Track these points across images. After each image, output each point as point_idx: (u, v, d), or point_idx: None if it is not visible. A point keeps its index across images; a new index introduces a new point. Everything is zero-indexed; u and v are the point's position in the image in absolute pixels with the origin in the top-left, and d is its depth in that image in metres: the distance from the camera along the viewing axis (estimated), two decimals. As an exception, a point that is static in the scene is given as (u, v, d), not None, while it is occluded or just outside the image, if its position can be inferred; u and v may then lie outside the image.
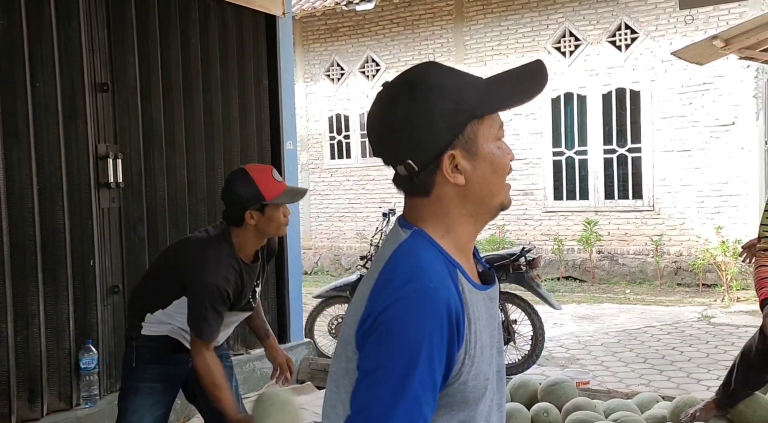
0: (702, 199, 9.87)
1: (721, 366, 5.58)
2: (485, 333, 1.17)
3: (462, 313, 1.11)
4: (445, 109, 1.16)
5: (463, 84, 1.19)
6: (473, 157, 1.16)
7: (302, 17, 12.41)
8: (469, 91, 1.18)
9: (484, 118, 1.18)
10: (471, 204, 1.19)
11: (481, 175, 1.17)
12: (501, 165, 1.19)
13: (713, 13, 9.36)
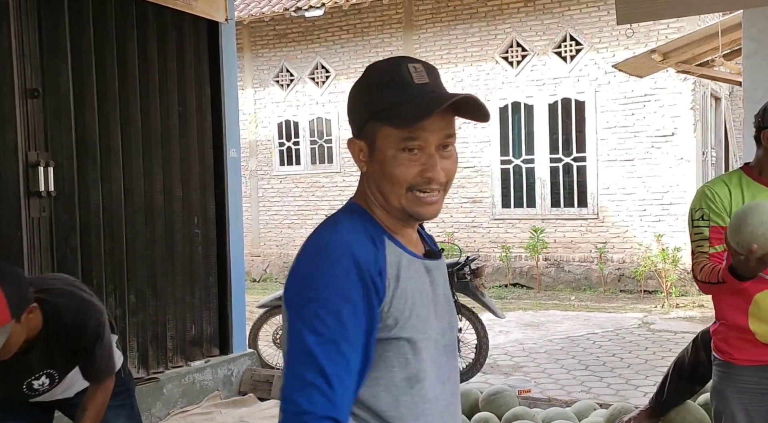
0: (644, 208, 10.10)
1: (658, 372, 5.70)
2: (420, 298, 1.27)
3: (383, 269, 1.22)
4: (360, 102, 1.29)
5: (387, 88, 1.25)
6: (370, 154, 1.27)
7: (251, 22, 12.31)
8: (386, 96, 1.24)
9: (383, 125, 1.24)
10: (377, 193, 1.28)
11: (374, 173, 1.27)
12: (392, 174, 1.24)
13: (653, 27, 9.60)
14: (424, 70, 1.26)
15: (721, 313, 2.54)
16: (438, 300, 1.33)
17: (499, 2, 10.80)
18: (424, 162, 1.23)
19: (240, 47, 12.46)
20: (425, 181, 1.23)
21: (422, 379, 1.26)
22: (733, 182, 2.49)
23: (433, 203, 1.26)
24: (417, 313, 1.25)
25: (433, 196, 1.25)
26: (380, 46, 11.74)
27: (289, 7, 11.63)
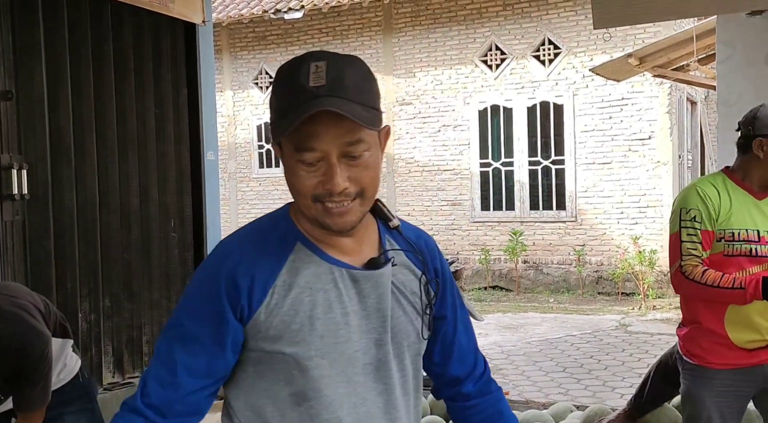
0: (621, 211, 10.18)
1: (635, 374, 5.74)
2: (326, 311, 1.20)
3: (268, 278, 1.19)
4: (271, 100, 1.21)
5: (282, 91, 1.17)
6: (283, 157, 1.21)
7: (230, 24, 12.25)
8: (280, 101, 1.17)
9: None
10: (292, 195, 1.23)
11: (286, 177, 1.21)
12: (293, 185, 1.18)
13: (630, 32, 9.69)
14: (326, 69, 1.14)
15: (694, 317, 2.54)
16: (365, 313, 1.24)
17: (477, 6, 10.85)
18: (323, 173, 1.15)
19: (218, 49, 12.39)
20: (326, 193, 1.15)
21: (313, 399, 1.20)
22: (719, 185, 2.47)
23: (344, 214, 1.17)
24: (314, 327, 1.19)
25: (341, 206, 1.16)
26: (360, 48, 11.74)
27: (268, 9, 11.60)
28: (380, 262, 1.25)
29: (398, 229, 1.31)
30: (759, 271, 2.38)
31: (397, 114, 11.56)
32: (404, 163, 11.58)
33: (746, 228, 2.39)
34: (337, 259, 1.23)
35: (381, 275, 1.25)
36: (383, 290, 1.25)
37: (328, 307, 1.20)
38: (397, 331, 1.26)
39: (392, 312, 1.26)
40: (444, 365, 1.43)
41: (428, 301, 1.30)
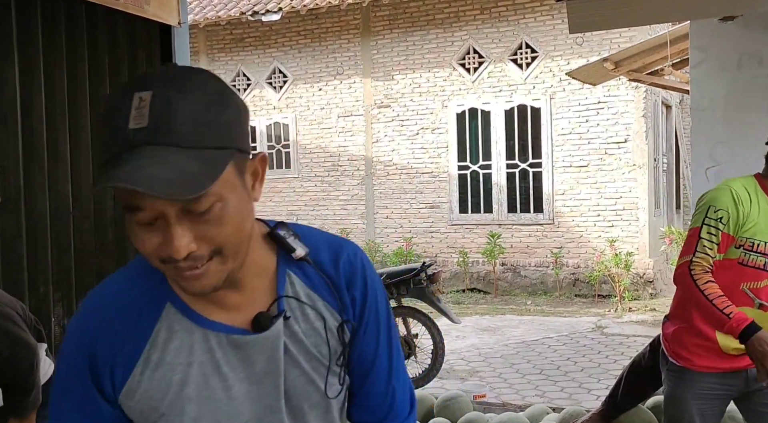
0: (598, 213, 10.27)
1: (611, 375, 5.79)
2: (198, 384, 1.03)
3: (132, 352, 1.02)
4: None
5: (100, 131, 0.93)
6: None
7: (207, 26, 12.19)
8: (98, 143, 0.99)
9: None
10: None
11: None
12: (135, 244, 0.96)
13: (606, 36, 9.78)
14: (150, 103, 0.88)
15: (685, 315, 2.52)
16: (254, 379, 1.05)
17: (455, 9, 10.89)
18: (163, 232, 0.92)
19: (195, 51, 12.34)
20: (168, 259, 0.92)
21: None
22: (751, 190, 2.40)
23: (199, 277, 0.94)
24: (184, 411, 1.03)
25: (194, 269, 0.93)
26: (338, 51, 11.74)
27: (246, 11, 11.56)
28: (268, 320, 1.04)
29: (305, 258, 1.07)
30: (766, 285, 2.36)
31: (375, 117, 11.57)
32: (383, 166, 11.59)
33: (767, 240, 2.35)
34: (214, 322, 1.02)
35: (267, 338, 1.04)
36: (273, 352, 1.05)
37: (204, 383, 1.02)
38: (292, 394, 1.07)
39: (286, 373, 1.06)
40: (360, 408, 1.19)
41: (341, 348, 1.09)
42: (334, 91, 11.81)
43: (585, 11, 4.11)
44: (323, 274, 1.08)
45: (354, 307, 1.10)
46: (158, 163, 0.86)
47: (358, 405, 1.17)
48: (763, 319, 2.34)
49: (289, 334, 1.06)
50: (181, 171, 0.87)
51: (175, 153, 0.87)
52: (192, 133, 0.89)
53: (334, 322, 1.09)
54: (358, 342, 1.12)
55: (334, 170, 11.92)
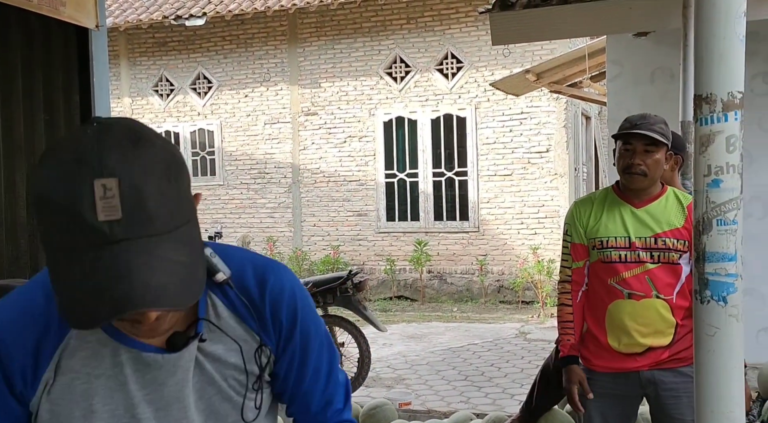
0: (521, 221, 10.50)
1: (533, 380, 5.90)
2: (103, 397, 1.00)
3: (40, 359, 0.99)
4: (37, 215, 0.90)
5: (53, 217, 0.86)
6: None
7: (128, 29, 11.88)
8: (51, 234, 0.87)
9: None
10: None
11: None
12: None
13: (528, 48, 10.03)
14: (119, 192, 0.82)
15: (586, 321, 2.68)
16: (163, 403, 1.03)
17: (382, 19, 10.97)
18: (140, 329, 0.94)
19: (116, 55, 12.01)
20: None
21: None
22: (598, 198, 2.66)
23: (154, 330, 0.96)
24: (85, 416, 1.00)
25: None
26: (264, 57, 11.64)
27: (169, 15, 11.32)
28: (183, 341, 1.02)
29: (228, 282, 1.05)
30: (630, 276, 2.51)
31: (302, 124, 11.52)
32: (310, 174, 11.54)
33: (616, 236, 2.55)
34: (128, 338, 0.99)
35: (179, 358, 1.02)
36: (184, 375, 1.03)
37: (109, 397, 1.00)
38: (209, 414, 1.06)
39: (202, 393, 1.05)
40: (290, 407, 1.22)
41: (258, 372, 1.09)
42: (261, 98, 11.70)
43: (506, 24, 4.21)
44: (245, 298, 1.07)
45: (280, 330, 1.10)
46: (149, 265, 0.83)
47: (296, 409, 1.21)
48: (635, 309, 2.52)
49: (205, 355, 1.05)
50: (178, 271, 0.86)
51: (156, 244, 0.85)
52: (166, 217, 0.86)
53: (253, 344, 1.08)
54: (288, 362, 1.13)
55: (260, 178, 11.79)
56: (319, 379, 1.19)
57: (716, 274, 1.31)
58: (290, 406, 1.21)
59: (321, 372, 1.19)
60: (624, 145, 2.54)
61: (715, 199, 1.30)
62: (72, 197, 0.83)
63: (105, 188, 0.82)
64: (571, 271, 2.65)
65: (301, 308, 1.12)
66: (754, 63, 4.79)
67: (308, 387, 1.18)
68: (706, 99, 1.30)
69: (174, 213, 0.88)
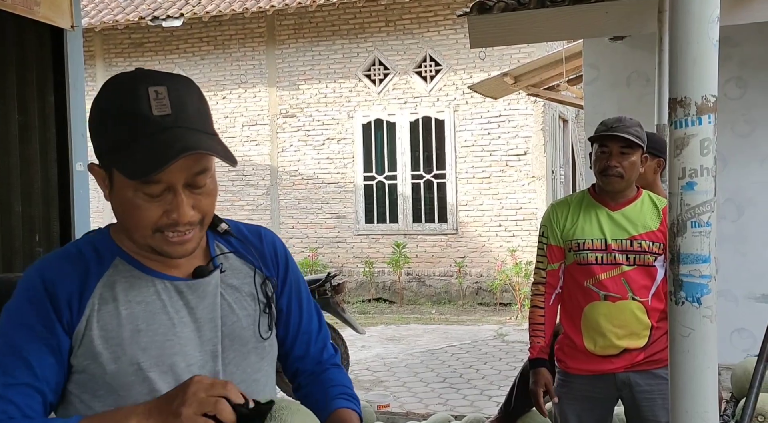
0: (499, 223, 10.55)
1: (511, 382, 5.92)
2: (148, 325, 1.15)
3: (84, 290, 1.14)
4: (93, 128, 1.14)
5: (117, 120, 1.09)
6: (112, 185, 1.14)
7: (104, 30, 11.77)
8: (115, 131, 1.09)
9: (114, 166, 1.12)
10: (120, 223, 1.18)
11: (115, 207, 1.15)
12: (132, 217, 1.12)
13: (506, 51, 10.10)
14: (168, 95, 1.08)
15: (561, 323, 2.70)
16: (197, 325, 1.20)
17: (360, 21, 10.97)
18: (169, 202, 1.11)
19: (91, 55, 11.89)
20: (171, 224, 1.12)
21: None
22: (575, 201, 2.67)
23: (185, 242, 1.14)
24: (136, 341, 1.14)
25: (184, 235, 1.13)
26: (242, 59, 11.59)
27: (145, 15, 11.24)
28: (206, 271, 1.22)
29: (228, 231, 1.28)
30: (606, 278, 2.53)
31: (281, 126, 11.48)
32: (288, 176, 11.50)
33: (592, 238, 2.57)
34: (158, 272, 1.19)
35: (207, 284, 1.21)
36: (212, 299, 1.21)
37: (151, 319, 1.16)
38: (233, 338, 1.23)
39: (224, 319, 1.22)
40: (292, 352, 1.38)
41: (267, 300, 1.28)
42: (239, 100, 11.65)
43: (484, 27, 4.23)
44: (247, 242, 1.29)
45: (278, 267, 1.33)
46: (197, 140, 1.08)
47: (298, 353, 1.38)
48: (611, 311, 2.54)
49: (224, 286, 1.24)
50: (213, 146, 1.10)
51: (198, 134, 1.09)
52: (202, 121, 1.12)
53: (259, 279, 1.28)
54: (287, 298, 1.35)
55: (238, 180, 11.73)
56: (313, 321, 1.40)
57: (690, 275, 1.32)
58: (292, 350, 1.37)
59: (313, 316, 1.40)
60: (600, 147, 2.56)
61: (690, 202, 1.32)
62: (134, 99, 1.07)
63: (157, 93, 1.07)
64: (545, 273, 2.66)
65: (291, 257, 1.37)
66: (727, 67, 4.86)
67: (306, 327, 1.38)
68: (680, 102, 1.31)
69: (206, 123, 1.14)
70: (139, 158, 1.06)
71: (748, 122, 5.05)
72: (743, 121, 5.04)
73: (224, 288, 1.24)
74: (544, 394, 2.63)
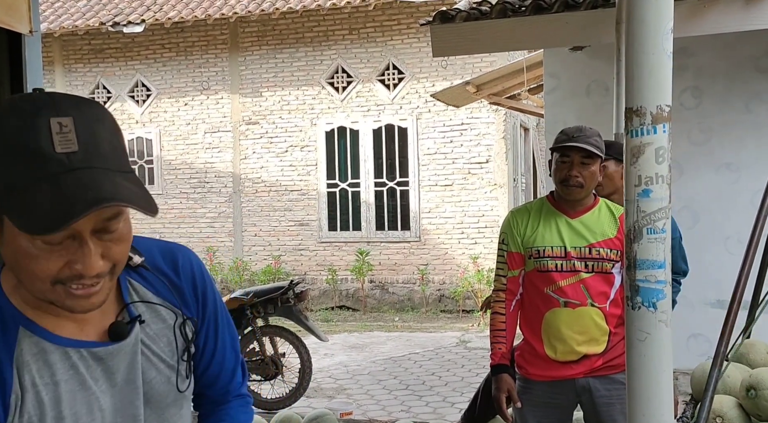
0: (462, 231, 10.62)
1: (473, 388, 5.92)
2: (68, 401, 1.02)
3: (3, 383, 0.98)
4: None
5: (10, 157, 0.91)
6: (2, 231, 0.95)
7: (63, 35, 11.58)
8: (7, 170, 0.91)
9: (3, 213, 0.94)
10: (13, 273, 1.00)
11: (7, 254, 0.97)
12: (26, 267, 0.95)
13: (469, 60, 10.19)
14: (75, 129, 0.91)
15: (521, 330, 2.72)
16: (116, 390, 1.07)
17: (324, 29, 10.98)
18: (73, 252, 0.94)
19: (50, 61, 11.68)
20: (75, 276, 0.95)
21: None
22: (534, 208, 2.70)
23: (91, 295, 0.97)
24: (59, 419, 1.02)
25: (91, 287, 0.97)
26: (205, 65, 11.50)
27: (106, 21, 11.08)
28: (125, 331, 1.07)
29: (143, 264, 1.11)
30: (566, 284, 2.57)
31: (243, 133, 11.41)
32: (251, 183, 11.43)
33: (552, 245, 2.60)
34: (70, 340, 1.03)
35: (127, 345, 1.07)
36: (132, 358, 1.08)
37: (72, 399, 1.02)
38: (152, 395, 1.11)
39: (145, 376, 1.10)
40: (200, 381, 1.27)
41: (186, 344, 1.15)
42: (201, 107, 11.55)
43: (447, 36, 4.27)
44: (162, 276, 1.13)
45: (197, 304, 1.18)
46: (113, 181, 0.92)
47: (206, 382, 1.27)
48: (572, 317, 2.57)
49: (143, 337, 1.10)
50: (138, 187, 0.96)
51: (113, 174, 0.93)
52: (114, 159, 0.95)
53: (179, 320, 1.14)
54: (206, 332, 1.22)
55: (200, 187, 11.62)
56: (227, 350, 1.27)
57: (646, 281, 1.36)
58: (201, 378, 1.25)
59: (227, 345, 1.27)
60: (561, 157, 2.60)
61: (645, 209, 1.35)
62: (31, 133, 0.89)
63: (61, 125, 0.90)
64: (506, 279, 2.68)
65: (209, 282, 1.21)
66: (683, 78, 4.98)
67: (219, 358, 1.26)
68: (636, 112, 1.34)
69: (123, 161, 0.97)
70: (37, 210, 0.88)
71: (703, 131, 5.17)
72: (699, 130, 5.16)
73: (143, 339, 1.10)
74: (507, 400, 2.65)
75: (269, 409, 5.47)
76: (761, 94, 5.04)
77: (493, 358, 2.66)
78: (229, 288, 10.43)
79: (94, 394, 1.05)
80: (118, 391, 1.07)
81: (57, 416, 1.01)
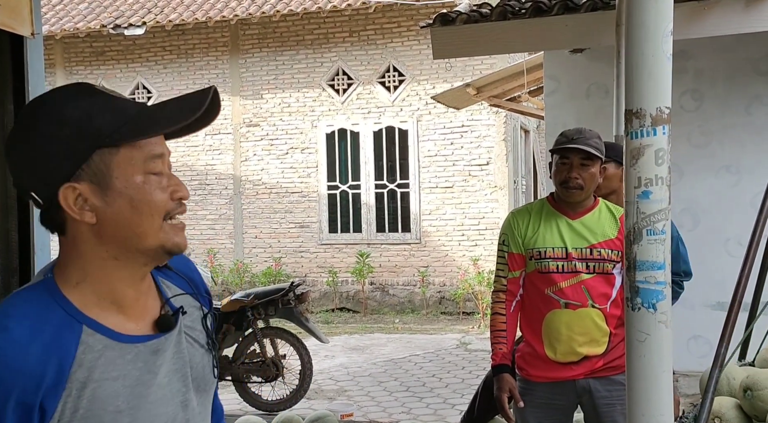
0: (462, 233, 10.62)
1: (473, 390, 5.95)
2: (126, 396, 1.05)
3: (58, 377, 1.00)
4: (64, 136, 1.01)
5: (97, 109, 1.03)
6: (105, 192, 1.03)
7: (64, 37, 11.60)
8: (103, 117, 1.02)
9: (120, 148, 1.03)
10: (111, 245, 1.06)
11: (117, 212, 1.04)
12: (149, 202, 1.05)
13: (469, 63, 10.21)
14: None
15: (522, 332, 2.73)
16: (167, 380, 1.11)
17: (324, 31, 10.99)
18: (170, 182, 1.08)
19: (51, 63, 11.70)
20: (178, 204, 1.08)
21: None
22: (535, 209, 2.70)
23: (185, 228, 1.11)
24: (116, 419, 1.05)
25: (181, 221, 1.10)
26: (205, 68, 11.52)
27: (107, 23, 11.10)
28: (172, 321, 1.13)
29: (167, 265, 1.19)
30: (567, 285, 2.57)
31: (244, 135, 11.42)
32: (251, 185, 11.44)
33: (553, 246, 2.60)
34: (129, 336, 1.08)
35: (175, 334, 1.14)
36: (179, 346, 1.14)
37: (130, 394, 1.06)
38: (199, 380, 1.17)
39: (192, 362, 1.16)
40: None
41: (209, 336, 1.22)
42: (201, 109, 11.54)
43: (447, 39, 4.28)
44: (183, 276, 1.22)
45: (207, 301, 1.26)
46: None
47: None
48: (572, 319, 2.58)
49: (185, 327, 1.17)
50: None
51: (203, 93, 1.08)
52: None
53: (202, 314, 1.23)
54: None
55: (201, 189, 11.63)
56: None
57: (646, 282, 1.36)
58: None
59: None
60: (561, 159, 2.61)
61: (645, 210, 1.36)
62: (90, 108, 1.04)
63: None
64: (506, 280, 2.69)
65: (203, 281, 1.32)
66: (683, 80, 4.99)
67: None
68: (636, 114, 1.35)
69: None
70: (166, 111, 1.06)
71: (704, 134, 5.18)
72: (699, 132, 5.17)
73: (185, 328, 1.17)
74: (509, 400, 2.65)
75: (270, 411, 5.48)
76: (761, 97, 5.05)
77: (494, 359, 2.66)
78: (229, 290, 10.43)
79: (148, 388, 1.08)
80: (169, 380, 1.12)
81: (115, 410, 1.05)
